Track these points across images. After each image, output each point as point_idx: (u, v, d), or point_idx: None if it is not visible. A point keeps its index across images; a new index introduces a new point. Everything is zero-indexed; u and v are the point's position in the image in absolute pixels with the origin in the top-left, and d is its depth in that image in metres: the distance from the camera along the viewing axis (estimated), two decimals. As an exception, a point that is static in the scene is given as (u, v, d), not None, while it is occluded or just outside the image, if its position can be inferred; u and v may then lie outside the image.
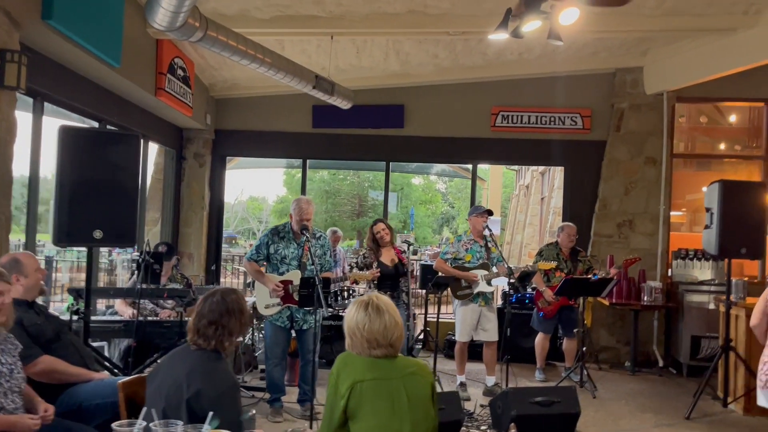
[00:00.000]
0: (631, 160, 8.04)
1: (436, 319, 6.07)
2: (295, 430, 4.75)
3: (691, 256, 7.68)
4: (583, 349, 6.58)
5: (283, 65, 6.00)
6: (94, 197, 3.88)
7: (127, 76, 5.83)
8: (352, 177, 27.34)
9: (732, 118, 9.28)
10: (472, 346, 6.32)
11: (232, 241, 21.33)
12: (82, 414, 3.31)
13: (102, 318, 5.10)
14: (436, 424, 2.53)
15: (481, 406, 5.48)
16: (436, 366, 5.92)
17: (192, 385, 2.59)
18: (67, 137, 3.79)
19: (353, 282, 5.54)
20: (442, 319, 7.87)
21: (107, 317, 5.17)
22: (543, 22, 4.61)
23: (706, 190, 5.94)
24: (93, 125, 6.20)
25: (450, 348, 7.42)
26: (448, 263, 6.12)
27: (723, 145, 9.38)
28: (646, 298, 7.40)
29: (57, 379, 3.31)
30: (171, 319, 5.13)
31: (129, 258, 8.30)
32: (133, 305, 4.94)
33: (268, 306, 5.02)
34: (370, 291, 5.91)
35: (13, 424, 2.68)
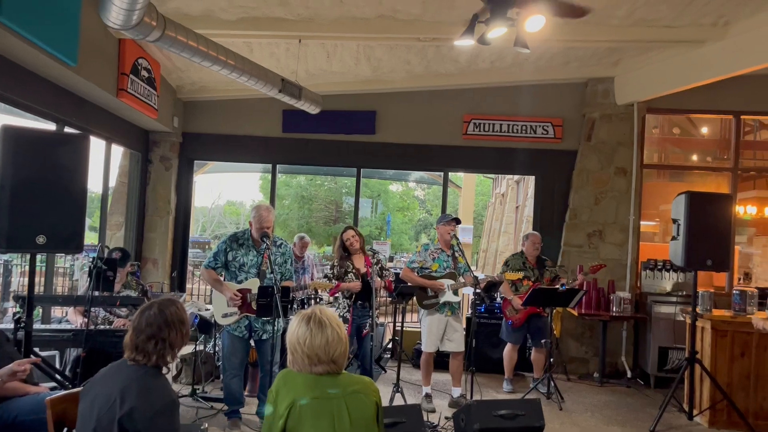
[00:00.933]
0: (602, 170, 8.03)
1: (401, 328, 5.94)
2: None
3: (659, 267, 7.67)
4: (551, 360, 6.52)
5: (247, 68, 5.86)
6: (38, 201, 3.70)
7: (86, 75, 5.65)
8: (329, 183, 27.19)
9: (704, 129, 9.35)
10: (440, 355, 6.22)
11: (205, 246, 21.00)
12: (17, 429, 3.17)
13: (50, 327, 4.90)
14: (380, 445, 2.41)
15: (446, 418, 5.38)
16: (400, 376, 5.79)
17: (126, 402, 2.45)
18: (9, 137, 3.61)
19: (314, 290, 5.40)
20: (409, 329, 7.82)
21: (56, 326, 4.97)
22: (509, 29, 4.54)
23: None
24: (50, 127, 6.01)
25: (419, 357, 7.30)
26: (415, 272, 6.02)
27: (695, 156, 9.43)
28: (614, 309, 7.37)
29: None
30: (125, 327, 4.93)
31: (87, 263, 8.07)
32: (85, 313, 4.76)
33: (225, 315, 4.87)
34: (343, 301, 5.77)
35: None
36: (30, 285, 3.86)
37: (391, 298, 6.37)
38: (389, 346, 7.99)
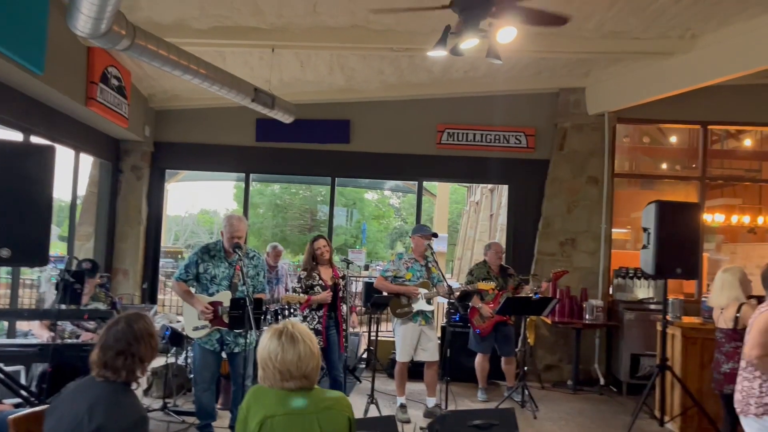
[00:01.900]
0: (574, 179, 8.12)
1: (375, 338, 5.91)
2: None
3: (631, 275, 7.77)
4: (524, 368, 6.54)
5: (219, 77, 5.81)
6: (3, 213, 3.61)
7: (53, 84, 5.55)
8: (304, 191, 27.06)
9: (673, 138, 9.52)
10: (415, 365, 6.20)
11: (178, 255, 20.67)
12: (-21, 448, 3.04)
13: (16, 341, 4.77)
14: (353, 461, 2.38)
15: (420, 429, 5.36)
16: (375, 386, 5.76)
17: (93, 420, 2.39)
18: (-28, 148, 3.52)
19: (287, 303, 5.31)
20: (384, 338, 7.79)
21: (22, 340, 4.84)
22: (481, 40, 4.57)
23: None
24: (17, 136, 5.88)
25: (393, 367, 7.27)
26: (389, 280, 6.01)
27: (665, 164, 9.60)
28: (587, 317, 7.44)
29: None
30: (93, 341, 4.83)
31: (55, 275, 7.90)
32: (51, 327, 4.64)
33: (196, 328, 4.78)
34: (311, 314, 5.66)
35: None
36: (-7, 299, 3.75)
37: (365, 309, 6.33)
38: (364, 356, 7.95)
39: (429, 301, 5.93)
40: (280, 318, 7.06)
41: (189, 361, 6.30)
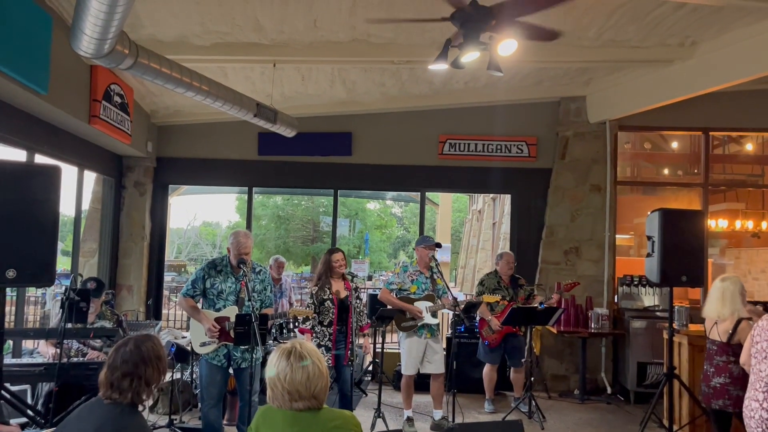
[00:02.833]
0: (577, 188, 8.12)
1: (381, 350, 5.90)
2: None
3: (636, 283, 7.76)
4: (531, 379, 6.52)
5: (221, 93, 5.84)
6: (9, 234, 3.62)
7: (57, 103, 5.58)
8: (306, 202, 27.09)
9: (674, 144, 9.53)
10: (421, 377, 6.18)
11: (181, 268, 20.69)
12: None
13: (21, 361, 4.76)
14: (362, 479, 2.37)
15: (428, 442, 5.34)
16: (381, 399, 5.74)
17: (100, 442, 2.38)
18: (-23, 170, 3.54)
19: (293, 317, 5.29)
20: (390, 350, 7.77)
21: (27, 359, 4.83)
22: (482, 53, 4.59)
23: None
24: (21, 154, 5.90)
25: (400, 380, 7.25)
26: (393, 293, 6.00)
27: (667, 170, 9.60)
28: (593, 326, 7.42)
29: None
30: (99, 360, 4.83)
31: (60, 292, 7.91)
32: (57, 346, 4.63)
33: (203, 344, 4.78)
34: (321, 330, 5.64)
35: None
36: (-1, 319, 3.76)
37: (370, 321, 6.32)
38: (370, 368, 7.93)
39: (434, 314, 5.92)
40: (285, 332, 7.06)
41: (195, 377, 6.29)
